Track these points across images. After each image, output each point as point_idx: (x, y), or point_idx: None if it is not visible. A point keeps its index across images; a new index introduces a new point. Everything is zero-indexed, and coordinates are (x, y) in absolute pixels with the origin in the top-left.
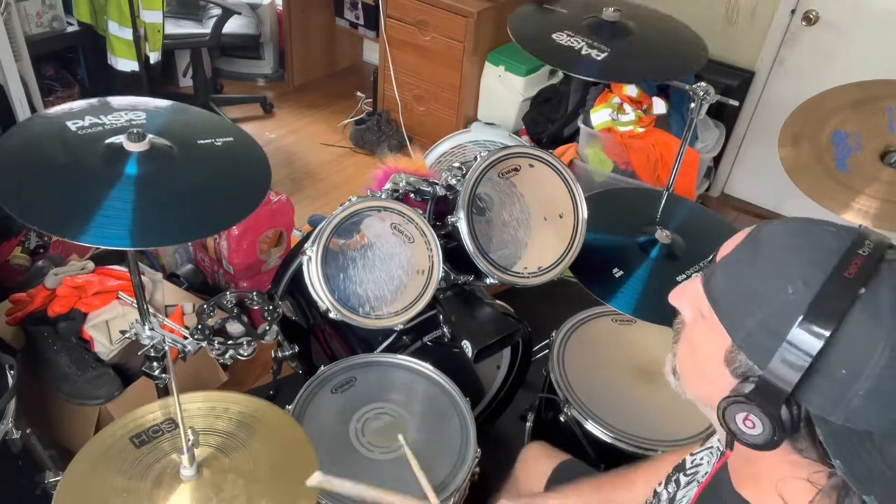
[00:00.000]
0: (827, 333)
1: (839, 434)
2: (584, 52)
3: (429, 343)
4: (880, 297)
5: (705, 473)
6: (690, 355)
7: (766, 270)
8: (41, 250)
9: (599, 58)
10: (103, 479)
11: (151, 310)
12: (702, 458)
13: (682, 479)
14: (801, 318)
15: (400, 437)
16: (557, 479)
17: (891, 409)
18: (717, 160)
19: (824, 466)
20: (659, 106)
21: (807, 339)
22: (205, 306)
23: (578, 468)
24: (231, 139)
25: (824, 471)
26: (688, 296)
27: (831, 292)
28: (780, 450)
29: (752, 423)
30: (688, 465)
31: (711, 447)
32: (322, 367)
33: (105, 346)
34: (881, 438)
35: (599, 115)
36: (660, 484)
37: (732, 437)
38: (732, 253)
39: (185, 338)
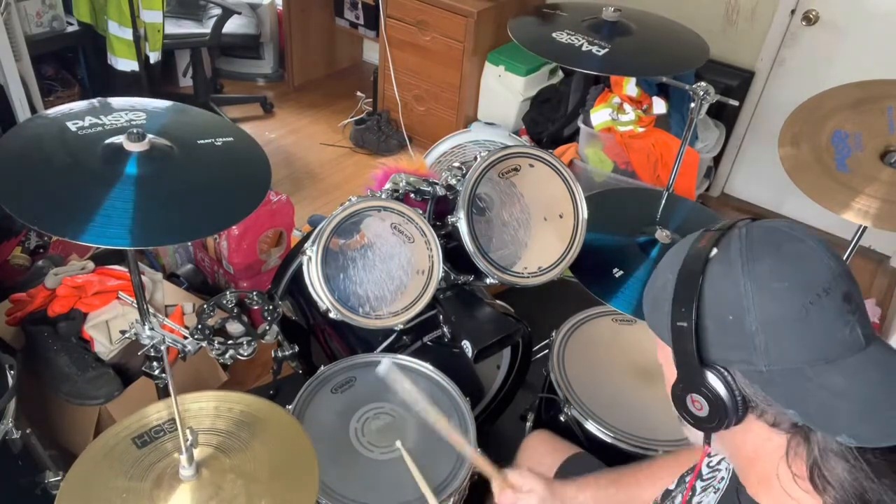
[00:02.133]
0: (693, 293)
1: (775, 381)
2: (584, 48)
3: (429, 343)
4: (731, 250)
5: (722, 479)
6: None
7: (656, 277)
8: (41, 250)
9: (600, 53)
10: (105, 480)
11: (151, 310)
12: (719, 464)
13: (699, 485)
14: (673, 289)
15: (398, 443)
16: (566, 473)
17: (796, 336)
18: (717, 160)
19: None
20: (659, 106)
21: (682, 309)
22: (205, 306)
23: (592, 463)
24: (231, 139)
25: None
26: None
27: (688, 262)
28: (761, 433)
29: (699, 405)
30: (704, 470)
31: None
32: (322, 367)
33: (105, 346)
34: (812, 370)
35: (599, 115)
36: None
37: (702, 427)
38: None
39: (185, 338)
